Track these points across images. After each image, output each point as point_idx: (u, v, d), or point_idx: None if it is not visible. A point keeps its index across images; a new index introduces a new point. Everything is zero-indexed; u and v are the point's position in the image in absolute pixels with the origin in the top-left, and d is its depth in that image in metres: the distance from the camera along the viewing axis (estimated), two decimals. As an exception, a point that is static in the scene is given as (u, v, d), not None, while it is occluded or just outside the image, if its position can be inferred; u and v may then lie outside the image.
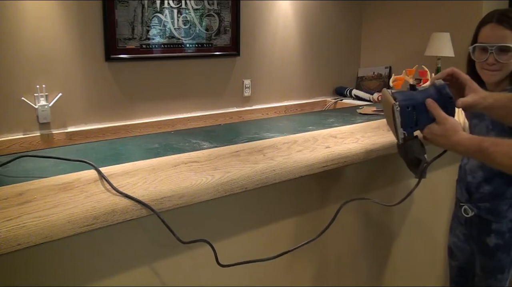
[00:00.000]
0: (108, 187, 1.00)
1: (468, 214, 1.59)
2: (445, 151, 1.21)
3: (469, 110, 1.24)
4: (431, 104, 1.13)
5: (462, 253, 1.68)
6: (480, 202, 1.55)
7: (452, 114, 1.14)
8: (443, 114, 1.12)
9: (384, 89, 1.20)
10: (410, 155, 1.17)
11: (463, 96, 1.20)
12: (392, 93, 1.15)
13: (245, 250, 1.31)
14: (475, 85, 1.20)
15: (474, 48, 1.50)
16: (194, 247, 1.13)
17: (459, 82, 1.22)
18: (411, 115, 1.13)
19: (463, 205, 1.60)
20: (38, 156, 1.25)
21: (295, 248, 1.19)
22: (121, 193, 0.98)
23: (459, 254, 1.70)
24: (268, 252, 1.22)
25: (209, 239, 1.10)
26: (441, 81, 1.17)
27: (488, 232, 1.55)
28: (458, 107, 1.18)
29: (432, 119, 1.13)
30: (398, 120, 1.13)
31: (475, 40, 1.50)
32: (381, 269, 1.85)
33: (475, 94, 1.18)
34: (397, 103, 1.12)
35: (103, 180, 1.03)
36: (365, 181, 1.65)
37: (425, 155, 1.17)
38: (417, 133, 1.18)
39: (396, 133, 1.16)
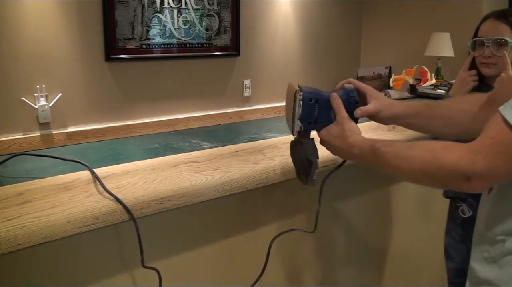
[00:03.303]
0: (100, 189, 1.00)
1: (465, 215, 1.59)
2: (344, 162, 1.13)
3: (375, 120, 1.11)
4: (335, 99, 1.04)
5: (458, 254, 1.68)
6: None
7: (355, 120, 1.06)
8: (344, 113, 1.03)
9: (290, 82, 1.10)
10: (302, 154, 1.07)
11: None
12: (299, 85, 1.06)
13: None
14: (377, 93, 1.11)
15: (473, 43, 1.54)
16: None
17: (360, 94, 1.11)
18: (313, 109, 1.04)
19: (460, 206, 1.60)
20: (33, 155, 1.26)
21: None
22: (111, 194, 0.97)
23: (455, 255, 1.69)
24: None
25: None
26: (351, 85, 1.09)
27: None
28: (358, 117, 1.07)
29: (333, 121, 1.05)
30: (298, 111, 1.03)
31: (475, 36, 1.55)
32: (380, 270, 1.85)
33: (377, 101, 1.08)
34: (301, 92, 1.03)
35: (97, 181, 1.03)
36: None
37: (317, 160, 1.06)
38: (313, 135, 1.09)
39: (292, 125, 1.05)
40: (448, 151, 0.79)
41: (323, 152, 1.10)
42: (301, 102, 1.03)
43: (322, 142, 1.07)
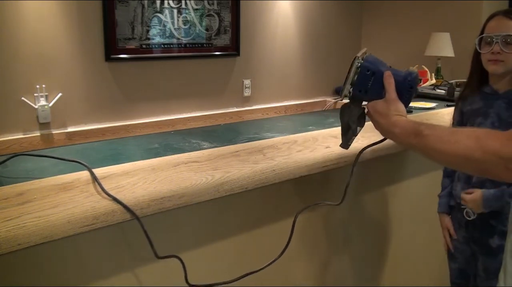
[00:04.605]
0: (99, 189, 1.00)
1: (470, 217, 1.58)
2: (383, 140, 1.14)
3: None
4: (387, 78, 1.06)
5: (462, 255, 1.68)
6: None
7: (405, 102, 1.06)
8: (394, 94, 1.05)
9: (365, 48, 1.14)
10: (346, 118, 1.12)
11: None
12: (368, 54, 1.09)
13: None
14: None
15: (480, 40, 1.52)
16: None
17: None
18: (367, 80, 1.06)
19: (465, 208, 1.59)
20: (33, 155, 1.26)
21: (260, 270, 1.16)
22: (110, 195, 0.97)
23: (459, 256, 1.69)
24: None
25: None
26: (415, 70, 1.11)
27: (492, 233, 1.54)
28: None
29: (383, 97, 1.07)
30: (352, 76, 1.06)
31: (482, 33, 1.53)
32: (380, 270, 1.85)
33: None
34: (361, 60, 1.06)
35: (95, 181, 1.03)
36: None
37: (358, 128, 1.11)
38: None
39: (342, 88, 1.09)
40: (491, 138, 0.82)
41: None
42: (358, 70, 1.06)
43: (368, 113, 1.10)
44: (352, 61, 1.06)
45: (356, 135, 1.12)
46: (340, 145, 1.16)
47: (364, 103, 1.11)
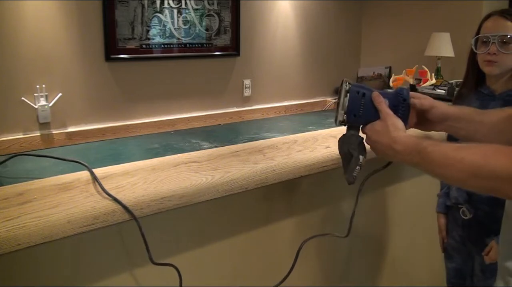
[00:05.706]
0: (99, 189, 1.00)
1: (466, 216, 1.59)
2: (389, 164, 1.10)
3: (424, 119, 1.10)
4: (376, 97, 1.02)
5: (458, 255, 1.68)
6: (479, 204, 1.55)
7: (402, 117, 1.03)
8: (387, 109, 1.01)
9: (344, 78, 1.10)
10: (345, 147, 1.07)
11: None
12: (349, 82, 1.06)
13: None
14: (424, 95, 1.10)
15: (476, 40, 1.52)
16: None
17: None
18: (359, 101, 1.03)
19: (462, 207, 1.60)
20: (33, 155, 1.26)
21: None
22: (110, 195, 0.97)
23: (455, 255, 1.70)
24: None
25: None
26: (404, 87, 1.08)
27: (488, 232, 1.54)
28: (420, 106, 1.08)
29: (379, 118, 1.03)
30: (342, 100, 1.02)
31: (478, 34, 1.52)
32: (378, 269, 1.85)
33: (428, 99, 1.09)
34: (348, 83, 1.02)
35: (95, 181, 1.03)
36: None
37: (361, 157, 1.05)
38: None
39: (335, 115, 1.05)
40: (500, 154, 0.76)
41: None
42: (347, 93, 1.03)
43: (366, 139, 1.05)
44: (340, 84, 1.03)
45: (361, 165, 1.06)
46: (346, 180, 1.08)
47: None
